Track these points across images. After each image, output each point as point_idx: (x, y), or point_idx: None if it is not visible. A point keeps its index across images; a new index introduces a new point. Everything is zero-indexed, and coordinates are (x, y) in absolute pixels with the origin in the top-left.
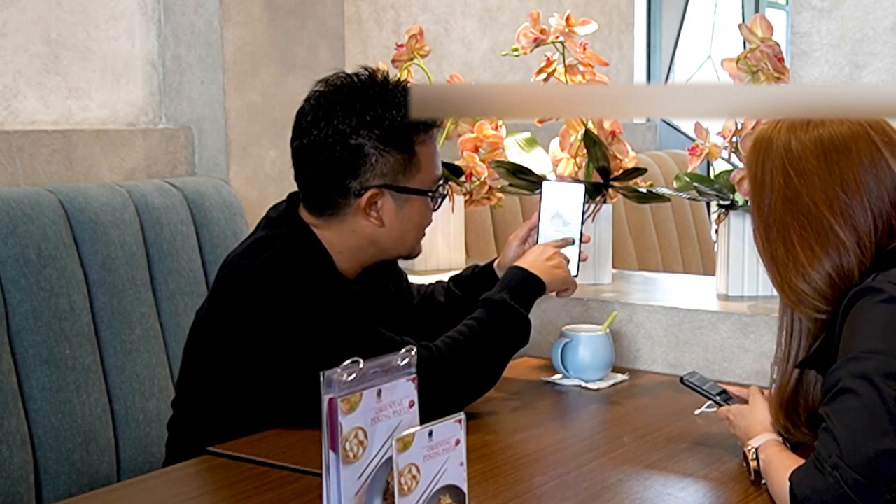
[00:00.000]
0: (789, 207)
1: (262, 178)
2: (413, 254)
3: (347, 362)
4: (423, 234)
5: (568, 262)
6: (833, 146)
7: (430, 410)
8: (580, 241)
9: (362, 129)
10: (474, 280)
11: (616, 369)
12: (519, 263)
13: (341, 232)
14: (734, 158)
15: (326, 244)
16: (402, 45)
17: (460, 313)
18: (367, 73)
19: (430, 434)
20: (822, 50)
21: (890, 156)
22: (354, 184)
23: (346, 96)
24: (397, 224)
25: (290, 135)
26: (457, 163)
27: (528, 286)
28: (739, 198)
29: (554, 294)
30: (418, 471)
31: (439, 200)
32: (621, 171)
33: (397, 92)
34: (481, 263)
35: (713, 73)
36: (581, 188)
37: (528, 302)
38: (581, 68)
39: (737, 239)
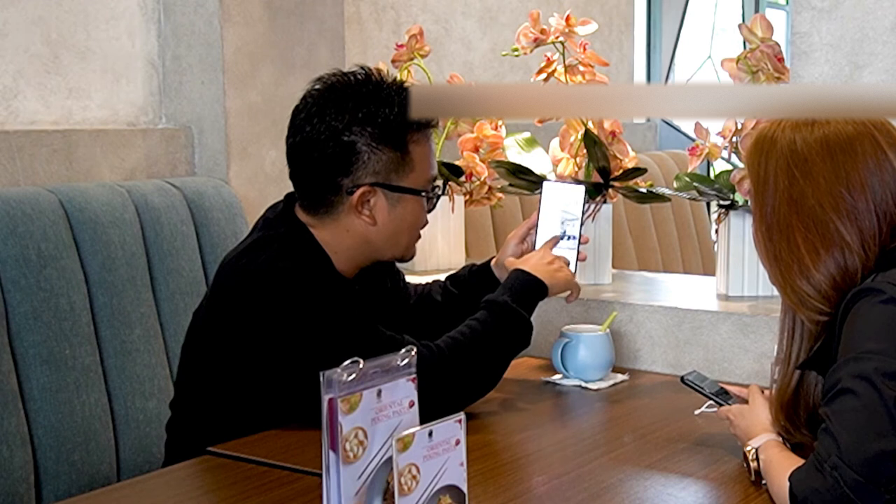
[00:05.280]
0: (794, 208)
1: (262, 178)
2: (407, 255)
3: (347, 362)
4: (418, 236)
5: (567, 263)
6: (839, 147)
7: (431, 410)
8: (579, 242)
9: (354, 126)
10: (471, 279)
11: (616, 369)
12: (521, 266)
13: (335, 231)
14: (734, 158)
15: (323, 244)
16: (402, 45)
17: (457, 312)
18: (363, 71)
19: (430, 434)
20: (822, 50)
21: (894, 156)
22: (346, 181)
23: (339, 94)
24: (390, 223)
25: None
26: (457, 163)
27: (530, 289)
28: (739, 198)
29: (563, 296)
30: (418, 471)
31: (434, 202)
32: (621, 171)
33: (392, 90)
34: (478, 262)
35: (713, 73)
36: (581, 189)
37: (530, 305)
38: (581, 68)
39: (737, 239)
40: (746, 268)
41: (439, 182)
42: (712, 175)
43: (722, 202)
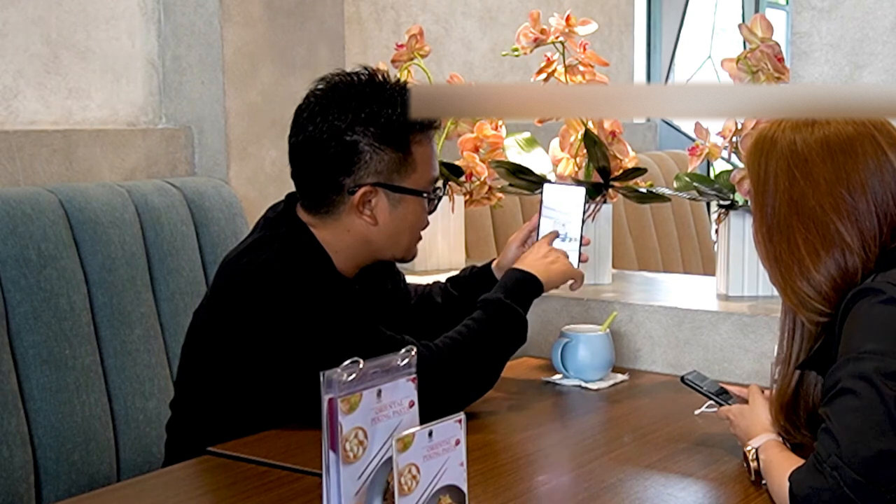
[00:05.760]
0: (794, 210)
1: (262, 178)
2: (408, 256)
3: (347, 362)
4: (419, 237)
5: (566, 256)
6: (840, 147)
7: (430, 410)
8: (580, 244)
9: (357, 126)
10: (471, 281)
11: (616, 369)
12: (516, 264)
13: (336, 231)
14: (734, 158)
15: (323, 244)
16: (402, 45)
17: (457, 314)
18: (366, 72)
19: (430, 434)
20: (822, 50)
21: (894, 157)
22: (348, 181)
23: (342, 94)
24: (391, 224)
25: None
26: (457, 163)
27: (524, 285)
28: (739, 198)
29: (567, 285)
30: (418, 471)
31: (435, 203)
32: (621, 171)
33: (395, 91)
34: (479, 264)
35: (713, 73)
36: (582, 191)
37: (524, 301)
38: (581, 68)
39: (737, 239)
40: (746, 268)
41: (440, 183)
42: (712, 175)
43: (722, 202)
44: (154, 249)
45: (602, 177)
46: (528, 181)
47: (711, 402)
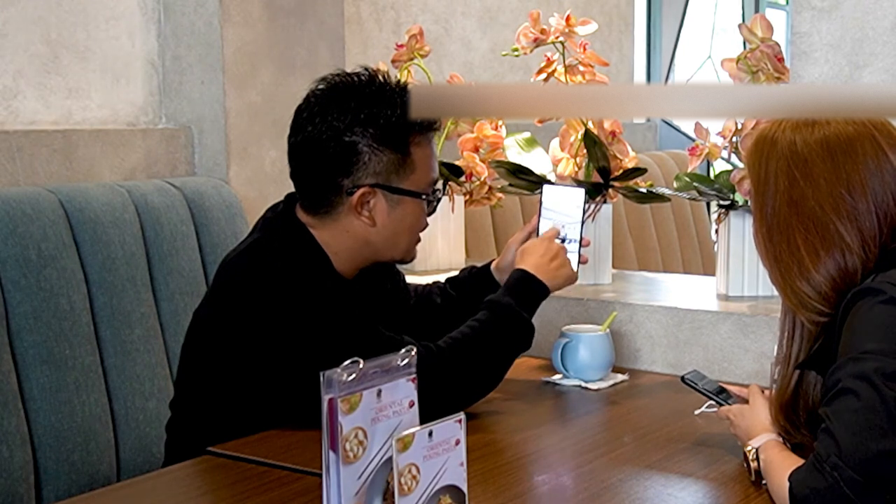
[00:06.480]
0: (794, 210)
1: (262, 178)
2: (407, 258)
3: (347, 362)
4: (419, 239)
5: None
6: (839, 148)
7: (430, 410)
8: (580, 245)
9: (356, 127)
10: (470, 281)
11: (616, 369)
12: (524, 266)
13: (335, 231)
14: (734, 158)
15: (322, 244)
16: (402, 45)
17: (456, 314)
18: (367, 72)
19: (430, 434)
20: (822, 50)
21: (894, 157)
22: (347, 182)
23: (342, 94)
24: (389, 225)
25: None
26: (457, 163)
27: (533, 291)
28: (739, 198)
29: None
30: (418, 471)
31: (434, 204)
32: (621, 171)
33: (395, 92)
34: (478, 265)
35: (713, 73)
36: (581, 192)
37: (532, 307)
38: (581, 68)
39: (737, 239)
40: (746, 268)
41: (440, 185)
42: (712, 175)
43: (722, 202)
44: (154, 249)
45: (602, 177)
46: (528, 181)
47: (711, 401)
